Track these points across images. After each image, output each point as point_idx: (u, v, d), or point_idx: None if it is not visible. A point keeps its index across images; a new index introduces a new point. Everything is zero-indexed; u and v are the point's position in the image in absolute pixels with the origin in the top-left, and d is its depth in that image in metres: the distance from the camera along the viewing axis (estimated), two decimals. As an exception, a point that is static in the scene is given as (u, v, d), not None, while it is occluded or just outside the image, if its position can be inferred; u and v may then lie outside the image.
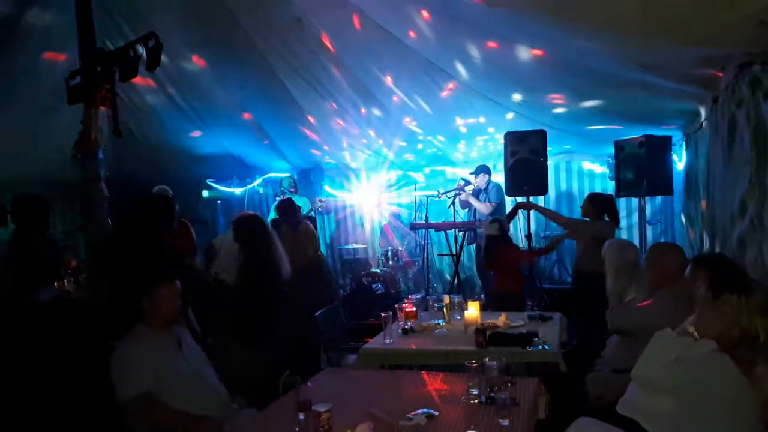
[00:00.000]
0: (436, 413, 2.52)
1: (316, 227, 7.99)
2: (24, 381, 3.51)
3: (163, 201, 4.73)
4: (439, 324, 4.15)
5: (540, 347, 3.52)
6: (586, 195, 7.59)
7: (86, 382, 3.26)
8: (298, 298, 4.99)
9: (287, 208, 6.48)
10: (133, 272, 3.44)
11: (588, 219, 5.35)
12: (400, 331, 4.01)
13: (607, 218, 5.27)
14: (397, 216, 8.79)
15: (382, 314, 3.92)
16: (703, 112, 4.45)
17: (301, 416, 2.42)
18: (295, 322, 4.66)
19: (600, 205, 5.29)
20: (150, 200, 4.71)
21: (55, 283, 4.98)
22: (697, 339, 2.14)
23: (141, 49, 4.45)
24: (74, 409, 3.23)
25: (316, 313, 4.47)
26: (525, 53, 4.27)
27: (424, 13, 4.28)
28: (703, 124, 4.46)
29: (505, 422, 2.41)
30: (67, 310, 4.33)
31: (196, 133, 7.74)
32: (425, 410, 2.52)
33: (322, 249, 8.18)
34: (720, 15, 2.47)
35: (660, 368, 2.28)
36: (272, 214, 7.24)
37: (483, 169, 7.24)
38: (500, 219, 5.66)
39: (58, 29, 5.13)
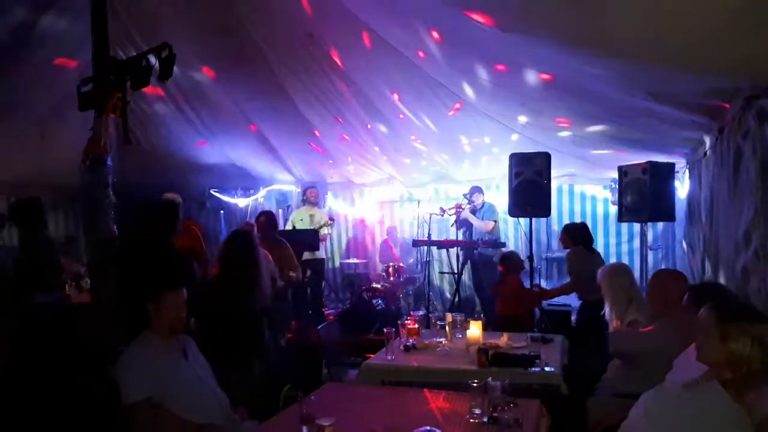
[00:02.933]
0: (439, 431, 2.52)
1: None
2: (25, 383, 3.52)
3: (169, 206, 4.70)
4: (442, 342, 4.16)
5: (541, 369, 3.53)
6: (587, 218, 7.74)
7: (89, 385, 3.26)
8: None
9: (266, 222, 5.84)
10: (139, 278, 3.47)
11: (568, 250, 5.70)
12: (402, 347, 4.02)
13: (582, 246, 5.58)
14: (398, 232, 8.81)
15: (385, 330, 3.93)
16: (707, 141, 4.49)
17: (305, 429, 2.43)
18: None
19: (574, 234, 5.69)
20: (155, 205, 4.67)
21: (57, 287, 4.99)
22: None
23: (153, 59, 4.51)
24: (77, 413, 3.23)
25: (318, 327, 4.47)
26: (533, 77, 4.32)
27: (435, 34, 4.34)
28: (708, 152, 4.50)
29: (508, 443, 2.42)
30: (69, 314, 4.34)
31: (202, 143, 7.79)
32: (428, 428, 2.52)
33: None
34: (731, 48, 2.52)
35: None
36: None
37: (477, 189, 7.37)
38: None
39: (71, 36, 5.19)
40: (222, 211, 9.44)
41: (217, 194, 9.48)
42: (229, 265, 4.10)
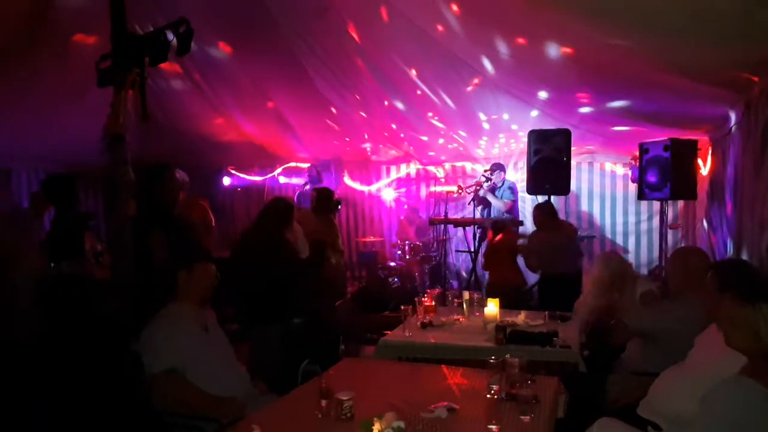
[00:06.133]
0: (457, 407, 2.53)
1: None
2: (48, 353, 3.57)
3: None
4: (459, 319, 4.16)
5: (559, 347, 3.52)
6: (606, 196, 7.63)
7: (110, 357, 3.31)
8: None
9: (322, 196, 5.85)
10: (173, 249, 3.49)
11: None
12: (419, 324, 4.03)
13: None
14: (415, 211, 8.79)
15: (402, 307, 3.93)
16: (733, 116, 4.39)
17: (324, 403, 2.45)
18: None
19: (548, 213, 5.67)
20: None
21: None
22: None
23: (171, 35, 4.49)
24: (99, 382, 3.28)
25: (336, 304, 4.48)
26: (554, 51, 4.23)
27: (454, 7, 4.26)
28: (733, 129, 4.40)
29: (526, 419, 2.42)
30: (93, 286, 4.40)
31: (219, 120, 7.78)
32: (446, 403, 2.53)
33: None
34: (762, 17, 2.43)
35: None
36: None
37: (499, 167, 7.26)
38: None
39: (89, 11, 5.17)
40: (239, 189, 9.48)
41: (234, 172, 9.52)
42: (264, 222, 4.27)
